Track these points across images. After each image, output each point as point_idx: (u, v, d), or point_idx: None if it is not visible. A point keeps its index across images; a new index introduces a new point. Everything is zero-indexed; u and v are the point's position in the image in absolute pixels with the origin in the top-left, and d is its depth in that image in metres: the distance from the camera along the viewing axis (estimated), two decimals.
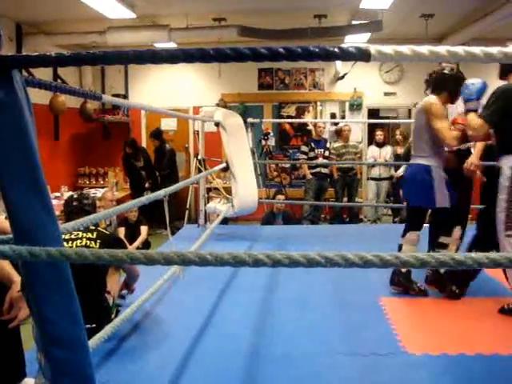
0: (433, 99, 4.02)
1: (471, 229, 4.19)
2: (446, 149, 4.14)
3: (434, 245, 4.17)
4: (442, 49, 1.13)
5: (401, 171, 8.74)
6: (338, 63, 9.65)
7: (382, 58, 1.14)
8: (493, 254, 1.14)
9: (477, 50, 1.14)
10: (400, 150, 9.20)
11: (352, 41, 8.82)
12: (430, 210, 4.27)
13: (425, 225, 4.22)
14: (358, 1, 7.11)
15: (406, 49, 1.12)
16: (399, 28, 8.79)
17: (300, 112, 10.51)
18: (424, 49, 1.13)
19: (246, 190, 6.03)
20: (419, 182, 4.04)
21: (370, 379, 2.86)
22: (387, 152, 9.23)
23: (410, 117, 10.74)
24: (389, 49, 1.12)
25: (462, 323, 3.58)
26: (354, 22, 8.08)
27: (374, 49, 1.12)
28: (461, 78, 4.03)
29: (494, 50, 1.18)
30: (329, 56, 1.12)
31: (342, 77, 10.09)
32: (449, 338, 3.31)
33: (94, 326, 2.91)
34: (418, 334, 3.41)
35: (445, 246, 4.10)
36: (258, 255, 1.18)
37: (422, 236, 4.11)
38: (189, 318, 3.67)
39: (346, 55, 1.13)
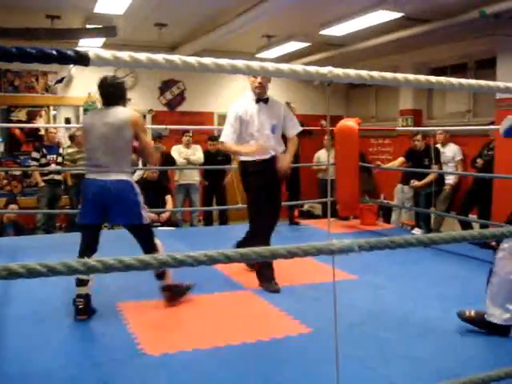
0: (136, 112, 3.96)
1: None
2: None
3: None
4: (159, 56, 1.17)
5: (135, 176, 8.82)
6: (72, 66, 9.40)
7: (102, 63, 1.14)
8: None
9: (193, 59, 1.21)
10: (133, 156, 9.25)
11: (87, 45, 8.67)
12: None
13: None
14: (92, 4, 7.02)
15: (124, 55, 1.14)
16: (134, 35, 8.90)
17: (32, 116, 9.98)
18: (142, 56, 1.16)
19: None
20: (132, 199, 3.81)
21: None
22: None
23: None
24: (108, 54, 1.13)
25: (197, 319, 3.74)
26: (88, 26, 7.95)
27: (93, 53, 1.12)
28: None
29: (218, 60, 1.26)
30: (46, 58, 1.09)
31: (61, 80, 9.86)
32: (185, 336, 3.44)
33: None
34: (156, 335, 3.46)
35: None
36: None
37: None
38: None
39: (64, 58, 1.11)
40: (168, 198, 7.93)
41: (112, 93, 3.87)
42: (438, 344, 3.33)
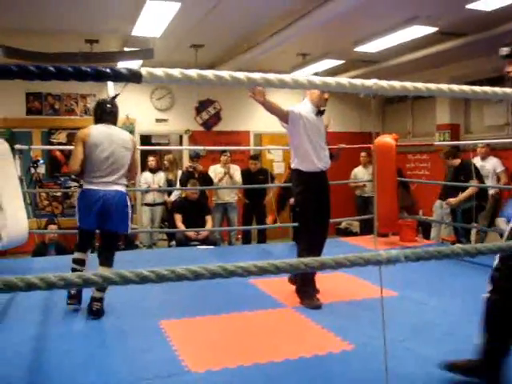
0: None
1: None
2: None
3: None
4: (208, 73, 1.20)
5: (173, 196, 8.93)
6: (110, 88, 9.60)
7: (153, 80, 1.17)
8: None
9: (241, 75, 1.24)
10: (171, 176, 9.39)
11: (124, 67, 8.83)
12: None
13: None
14: (129, 28, 7.18)
15: (175, 71, 1.17)
16: (171, 56, 9.05)
17: (71, 139, 10.17)
18: (193, 72, 1.19)
19: (15, 220, 5.65)
20: (126, 209, 4.28)
21: None
22: (160, 178, 9.34)
23: (181, 143, 11.09)
24: (159, 71, 1.17)
25: (239, 337, 3.75)
26: (126, 49, 8.12)
27: (145, 70, 1.15)
28: None
29: (257, 75, 1.29)
30: (100, 76, 1.13)
31: (115, 97, 10.02)
32: (229, 353, 3.44)
33: None
34: (199, 352, 3.48)
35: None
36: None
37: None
38: None
39: (118, 76, 1.15)
40: (208, 218, 8.00)
41: (114, 112, 4.45)
42: None
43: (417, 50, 8.31)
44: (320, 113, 4.63)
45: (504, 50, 2.98)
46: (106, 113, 4.36)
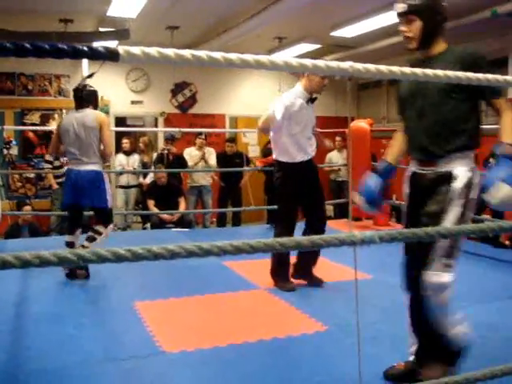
0: (103, 114, 4.89)
1: None
2: None
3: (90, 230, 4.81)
4: (186, 52, 1.20)
5: (149, 179, 8.88)
6: (85, 69, 9.47)
7: (131, 58, 1.17)
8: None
9: (218, 55, 1.24)
10: (146, 158, 9.33)
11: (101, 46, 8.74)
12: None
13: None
14: (105, 8, 7.09)
15: (153, 50, 1.17)
16: (147, 37, 8.96)
17: (45, 119, 10.05)
18: (170, 51, 1.19)
19: None
20: (101, 185, 4.65)
21: (131, 383, 2.87)
22: (135, 160, 9.27)
23: (157, 125, 11.01)
24: (137, 49, 1.16)
25: (213, 318, 3.78)
26: (101, 29, 8.02)
27: (122, 49, 1.15)
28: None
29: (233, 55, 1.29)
30: (77, 54, 1.12)
31: (91, 75, 9.91)
32: (203, 333, 3.47)
33: None
34: (174, 333, 3.50)
35: (99, 233, 4.70)
36: None
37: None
38: None
39: (95, 54, 1.14)
40: (181, 199, 7.98)
41: (81, 98, 4.73)
42: None
43: (394, 36, 8.32)
44: (312, 100, 4.54)
45: (399, 7, 2.59)
46: (79, 99, 4.74)
